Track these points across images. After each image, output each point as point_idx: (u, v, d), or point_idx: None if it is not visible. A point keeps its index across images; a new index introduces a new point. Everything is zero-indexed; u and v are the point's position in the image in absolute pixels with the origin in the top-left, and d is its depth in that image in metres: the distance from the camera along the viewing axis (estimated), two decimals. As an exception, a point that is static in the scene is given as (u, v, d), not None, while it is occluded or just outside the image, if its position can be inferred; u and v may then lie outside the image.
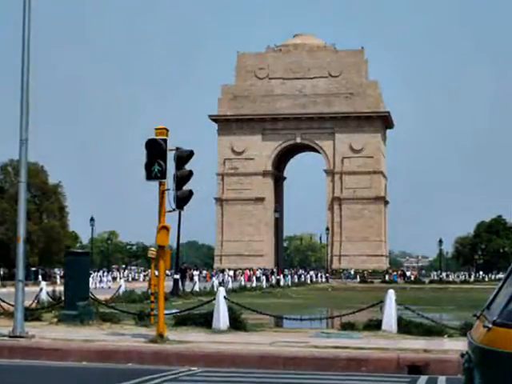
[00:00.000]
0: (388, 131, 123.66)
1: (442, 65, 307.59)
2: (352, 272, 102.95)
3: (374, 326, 16.79)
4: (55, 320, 18.35)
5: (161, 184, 14.87)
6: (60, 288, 23.79)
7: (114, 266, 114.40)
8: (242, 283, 59.62)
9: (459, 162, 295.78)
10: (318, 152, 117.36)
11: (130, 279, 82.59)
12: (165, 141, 14.75)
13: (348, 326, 17.11)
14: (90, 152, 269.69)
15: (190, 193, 15.25)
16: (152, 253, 16.98)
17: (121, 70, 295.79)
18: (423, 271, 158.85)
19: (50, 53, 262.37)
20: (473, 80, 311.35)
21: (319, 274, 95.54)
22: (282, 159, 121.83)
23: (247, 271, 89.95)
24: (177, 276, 39.28)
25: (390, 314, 16.46)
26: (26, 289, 15.91)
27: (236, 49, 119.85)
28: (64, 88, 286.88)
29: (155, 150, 14.63)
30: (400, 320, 16.54)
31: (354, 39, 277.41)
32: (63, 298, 19.57)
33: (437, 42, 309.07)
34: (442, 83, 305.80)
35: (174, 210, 15.21)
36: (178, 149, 15.19)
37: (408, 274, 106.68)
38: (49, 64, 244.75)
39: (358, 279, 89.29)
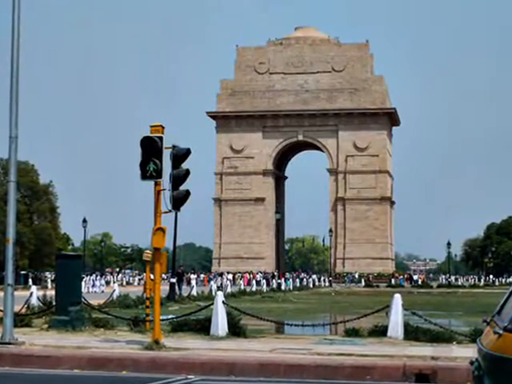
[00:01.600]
0: (394, 129, 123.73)
1: (450, 60, 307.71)
2: (356, 276, 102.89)
3: (380, 332, 16.79)
4: (46, 326, 18.35)
5: (156, 184, 14.86)
6: (51, 292, 23.78)
7: (107, 270, 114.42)
8: (242, 287, 59.59)
9: (468, 161, 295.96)
10: (321, 150, 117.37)
11: (125, 283, 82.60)
12: (160, 138, 14.74)
13: (352, 333, 17.11)
14: (83, 150, 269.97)
15: (187, 193, 15.25)
16: (147, 255, 16.97)
17: (115, 65, 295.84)
18: (431, 275, 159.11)
19: (42, 48, 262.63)
20: (483, 75, 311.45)
21: (322, 278, 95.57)
22: (283, 158, 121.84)
23: (247, 275, 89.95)
24: (173, 280, 39.27)
25: (396, 320, 16.46)
26: (16, 293, 15.91)
27: (235, 43, 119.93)
28: (57, 84, 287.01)
29: (150, 148, 14.62)
30: (407, 326, 16.53)
31: (358, 33, 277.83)
32: (54, 303, 19.57)
33: (444, 36, 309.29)
34: (451, 79, 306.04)
35: (170, 210, 15.21)
36: (174, 147, 15.18)
37: (415, 277, 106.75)
38: (40, 59, 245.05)
39: (363, 283, 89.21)
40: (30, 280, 68.92)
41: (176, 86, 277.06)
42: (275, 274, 79.47)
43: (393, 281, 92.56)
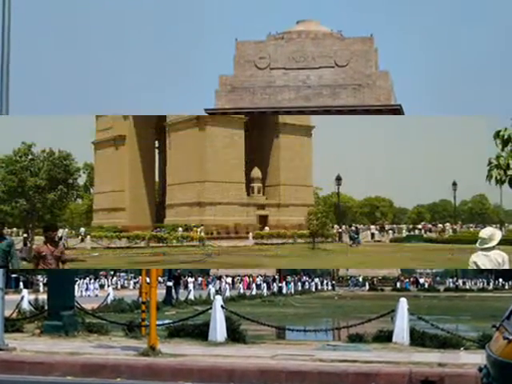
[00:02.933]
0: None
1: (457, 56, 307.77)
2: (360, 279, 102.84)
3: (385, 337, 16.78)
4: (38, 331, 18.34)
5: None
6: (43, 296, 23.78)
7: (101, 273, 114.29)
8: (241, 291, 59.64)
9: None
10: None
11: (119, 287, 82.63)
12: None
13: (356, 338, 17.10)
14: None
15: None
16: (143, 258, 16.94)
17: (112, 61, 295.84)
18: (438, 278, 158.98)
19: (36, 41, 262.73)
20: (491, 71, 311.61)
21: (325, 282, 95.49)
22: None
23: (246, 278, 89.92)
24: (170, 283, 39.28)
25: (401, 325, 16.45)
26: (6, 297, 15.89)
27: (235, 37, 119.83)
28: (52, 79, 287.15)
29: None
30: (413, 331, 16.52)
31: (362, 27, 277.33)
32: (46, 308, 19.56)
33: (451, 30, 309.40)
34: (458, 76, 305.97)
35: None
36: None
37: (421, 281, 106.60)
38: (35, 50, 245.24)
39: (367, 287, 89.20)
40: (21, 283, 68.95)
41: (173, 82, 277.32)
42: (276, 277, 79.45)
43: (398, 284, 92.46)
